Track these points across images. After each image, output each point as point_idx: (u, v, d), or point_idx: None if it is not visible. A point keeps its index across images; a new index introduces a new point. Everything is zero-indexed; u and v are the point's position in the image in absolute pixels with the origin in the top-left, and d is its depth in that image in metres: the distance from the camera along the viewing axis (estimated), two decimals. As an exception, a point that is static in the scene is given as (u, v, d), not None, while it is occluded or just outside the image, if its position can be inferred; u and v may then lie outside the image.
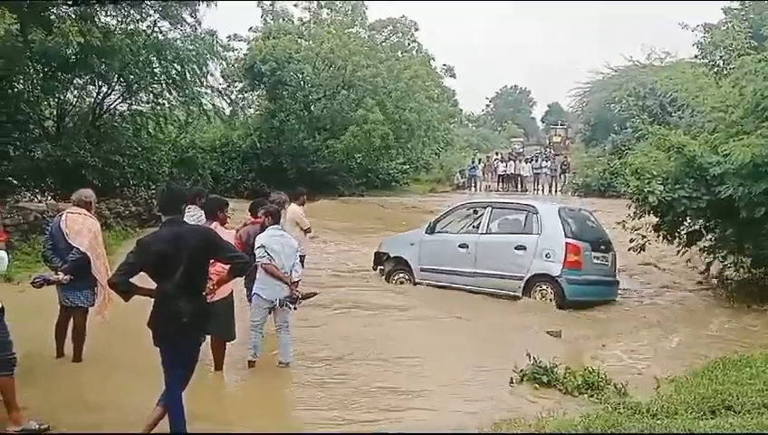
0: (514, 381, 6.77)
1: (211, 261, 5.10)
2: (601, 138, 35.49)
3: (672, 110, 21.90)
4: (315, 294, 8.41)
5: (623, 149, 16.79)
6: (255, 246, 7.13)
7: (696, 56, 15.40)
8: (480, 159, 39.71)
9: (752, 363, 7.02)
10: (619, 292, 12.02)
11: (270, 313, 7.26)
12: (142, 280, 4.77)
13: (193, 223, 6.24)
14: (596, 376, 6.64)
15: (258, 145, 28.25)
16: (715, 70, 13.73)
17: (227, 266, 5.06)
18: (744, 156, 10.02)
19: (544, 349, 7.65)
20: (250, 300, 7.49)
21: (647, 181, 11.21)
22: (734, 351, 8.07)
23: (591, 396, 6.37)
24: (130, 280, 4.68)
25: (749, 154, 9.98)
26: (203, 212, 7.30)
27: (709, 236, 12.33)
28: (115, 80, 17.63)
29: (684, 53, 15.03)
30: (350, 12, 31.18)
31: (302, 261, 10.57)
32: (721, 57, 14.06)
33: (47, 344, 6.90)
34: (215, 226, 6.41)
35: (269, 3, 30.20)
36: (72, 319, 6.89)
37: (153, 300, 4.78)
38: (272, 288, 7.12)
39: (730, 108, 11.20)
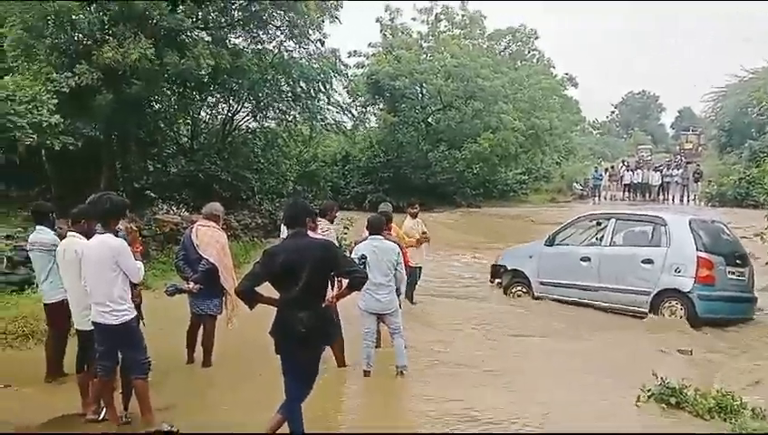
0: (641, 400, 6.45)
1: None
2: (737, 144, 33.32)
3: (819, 112, 20.29)
4: None
5: (762, 155, 15.67)
6: (353, 255, 7.20)
7: None
8: (606, 168, 38.30)
9: None
10: (758, 309, 11.18)
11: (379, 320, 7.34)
12: (268, 290, 4.94)
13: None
14: (730, 399, 6.20)
15: (378, 157, 28.76)
16: None
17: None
18: None
19: (674, 369, 7.28)
20: None
21: (788, 190, 10.42)
22: None
23: (725, 420, 5.96)
24: (255, 289, 4.85)
25: None
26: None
27: None
28: (244, 98, 18.56)
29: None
30: (468, 24, 31.13)
31: (417, 272, 10.78)
32: None
33: (179, 350, 7.31)
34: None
35: (388, 18, 30.71)
36: (202, 326, 7.28)
37: (276, 309, 4.95)
38: (367, 299, 7.11)
39: None
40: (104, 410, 5.66)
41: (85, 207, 6.00)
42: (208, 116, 19.52)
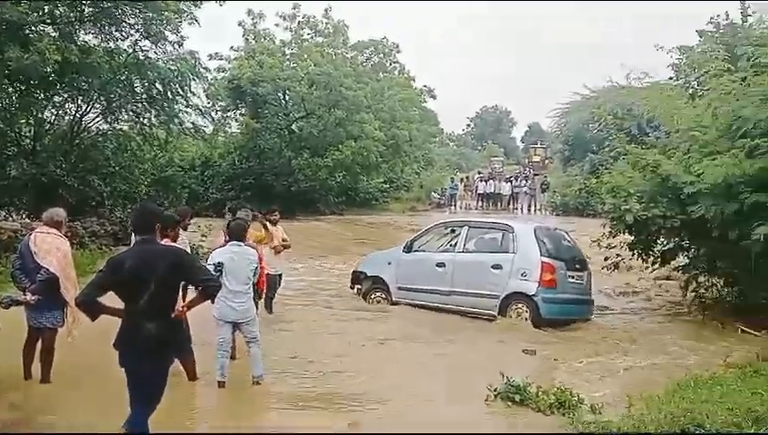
0: (489, 399, 6.76)
1: None
2: (579, 157, 35.78)
3: (649, 130, 22.18)
4: None
5: (600, 168, 16.93)
6: (208, 262, 7.04)
7: (670, 78, 15.65)
8: (462, 179, 39.96)
9: (722, 382, 7.08)
10: (596, 311, 12.06)
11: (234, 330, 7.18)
12: (113, 301, 4.69)
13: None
14: (569, 395, 6.64)
15: (239, 164, 28.23)
16: (690, 91, 13.94)
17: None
18: (717, 176, 10.14)
19: (519, 368, 7.67)
20: None
21: (623, 199, 11.35)
22: (705, 369, 8.11)
23: (564, 415, 6.37)
24: (98, 299, 4.59)
25: (721, 174, 10.09)
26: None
27: (684, 256, 12.44)
28: (95, 98, 17.54)
29: (662, 74, 15.32)
30: (331, 33, 31.35)
31: (277, 280, 10.68)
32: (696, 79, 14.30)
33: (15, 366, 6.77)
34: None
35: (251, 22, 30.29)
36: (40, 340, 6.79)
37: (120, 320, 4.71)
38: (222, 307, 6.93)
39: (704, 128, 11.34)
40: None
41: None
42: (54, 116, 18.17)
